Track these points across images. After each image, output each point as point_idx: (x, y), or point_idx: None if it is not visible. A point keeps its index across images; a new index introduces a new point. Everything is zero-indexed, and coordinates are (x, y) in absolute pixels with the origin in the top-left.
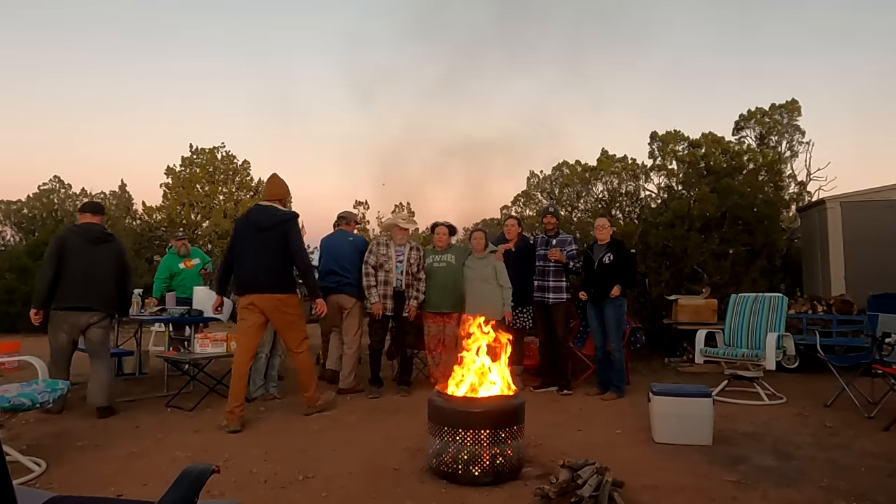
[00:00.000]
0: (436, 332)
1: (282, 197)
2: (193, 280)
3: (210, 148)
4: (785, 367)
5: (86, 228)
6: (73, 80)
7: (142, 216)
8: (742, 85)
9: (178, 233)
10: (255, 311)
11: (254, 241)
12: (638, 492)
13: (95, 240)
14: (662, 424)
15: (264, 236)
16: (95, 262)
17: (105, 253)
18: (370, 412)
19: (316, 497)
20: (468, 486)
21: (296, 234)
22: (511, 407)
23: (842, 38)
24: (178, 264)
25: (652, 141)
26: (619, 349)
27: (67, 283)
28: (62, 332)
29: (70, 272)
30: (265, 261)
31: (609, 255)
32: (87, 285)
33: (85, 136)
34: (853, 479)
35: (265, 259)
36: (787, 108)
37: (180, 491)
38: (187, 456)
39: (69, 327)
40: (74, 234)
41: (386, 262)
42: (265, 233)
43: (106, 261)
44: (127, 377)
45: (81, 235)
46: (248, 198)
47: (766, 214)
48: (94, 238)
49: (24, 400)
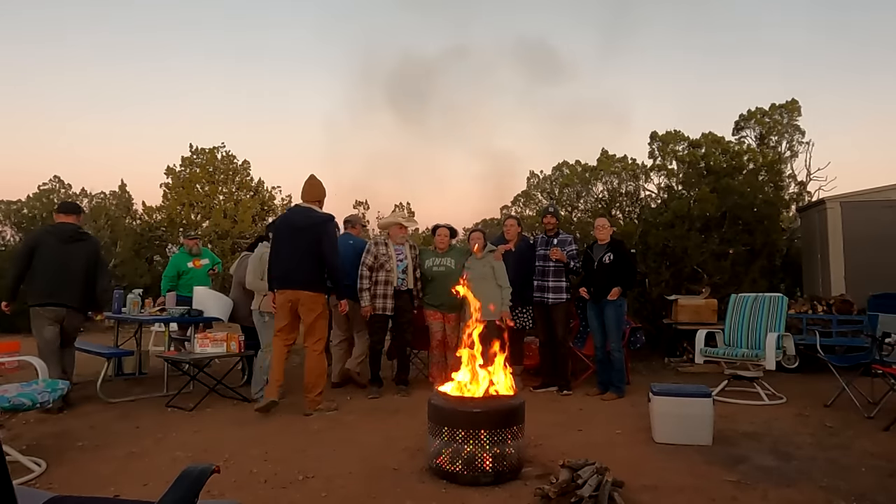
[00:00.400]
0: (437, 329)
1: (319, 198)
2: (201, 280)
3: (210, 148)
4: (785, 367)
5: (59, 228)
6: (73, 79)
7: (142, 216)
8: (742, 85)
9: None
10: (287, 304)
11: (290, 240)
12: (638, 492)
13: (68, 239)
14: (662, 424)
15: (299, 236)
16: (68, 260)
17: (78, 251)
18: (370, 412)
19: (316, 497)
20: (468, 486)
21: (329, 236)
22: (511, 407)
23: (842, 37)
24: (187, 263)
25: (652, 141)
26: (619, 349)
27: (42, 281)
28: (47, 326)
29: (43, 270)
30: (298, 259)
31: (609, 255)
32: (61, 283)
33: (85, 136)
34: (853, 479)
35: (298, 258)
36: (787, 108)
37: (180, 491)
38: (187, 456)
39: (50, 321)
40: (48, 234)
41: (387, 261)
42: (300, 233)
43: (78, 259)
44: (127, 377)
45: (55, 235)
46: (248, 198)
47: (766, 214)
48: (67, 237)
49: (24, 400)
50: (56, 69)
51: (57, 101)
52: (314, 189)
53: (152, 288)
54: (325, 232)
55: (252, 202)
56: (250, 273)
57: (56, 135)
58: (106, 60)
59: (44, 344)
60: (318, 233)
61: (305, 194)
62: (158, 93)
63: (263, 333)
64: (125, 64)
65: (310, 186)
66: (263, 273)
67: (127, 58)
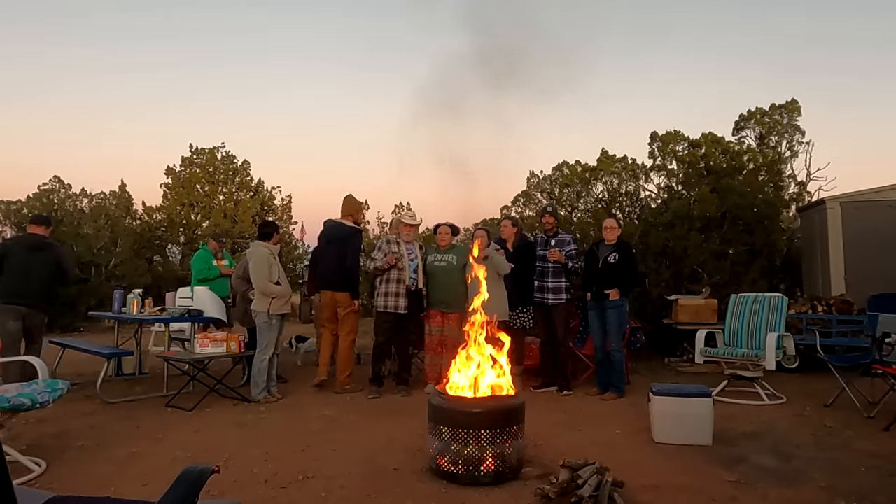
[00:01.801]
0: (436, 332)
1: (352, 213)
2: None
3: (210, 148)
4: (785, 367)
5: (26, 238)
6: (74, 78)
7: (142, 216)
8: (742, 85)
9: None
10: (331, 303)
11: (325, 249)
12: (638, 492)
13: (33, 248)
14: (662, 424)
15: (332, 246)
16: (31, 266)
17: (40, 258)
18: (370, 412)
19: (316, 497)
20: (468, 486)
21: (352, 246)
22: (511, 407)
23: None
24: (212, 261)
25: (652, 141)
26: (619, 349)
27: (9, 283)
28: (9, 321)
29: (10, 273)
30: (332, 266)
31: (615, 255)
32: (25, 285)
33: (85, 136)
34: (853, 479)
35: (332, 264)
36: (787, 108)
37: (180, 491)
38: (187, 456)
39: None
40: (15, 244)
41: (399, 260)
42: (332, 244)
43: (41, 265)
44: (127, 377)
45: (21, 244)
46: (248, 198)
47: (766, 214)
48: (32, 246)
49: (24, 400)
50: (57, 71)
51: (57, 101)
52: (347, 205)
53: (152, 288)
54: (350, 243)
55: (252, 202)
56: (256, 276)
57: (56, 135)
58: (106, 60)
59: (6, 335)
60: (345, 244)
61: (342, 209)
62: (158, 93)
63: (265, 335)
64: (125, 64)
65: (345, 203)
66: (269, 275)
67: (127, 57)
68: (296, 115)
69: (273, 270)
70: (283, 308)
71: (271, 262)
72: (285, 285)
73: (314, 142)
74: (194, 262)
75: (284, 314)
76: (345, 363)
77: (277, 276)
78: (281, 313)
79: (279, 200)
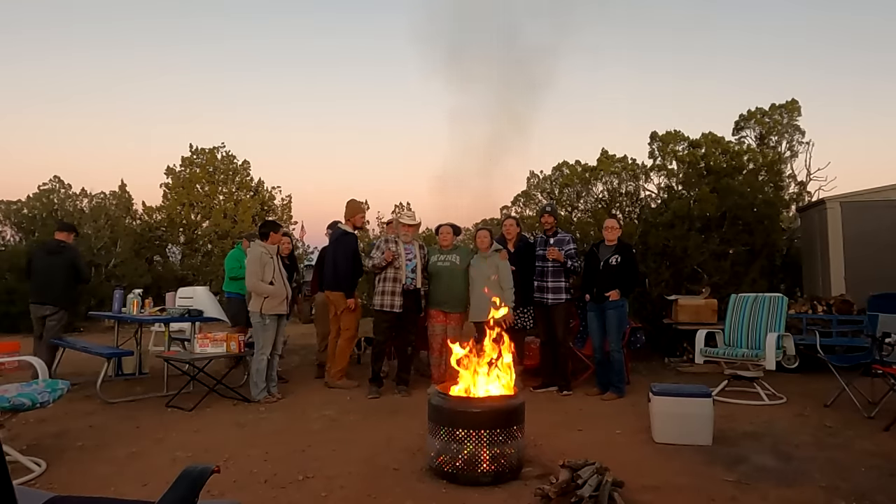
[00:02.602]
0: (439, 332)
1: (350, 217)
2: None
3: (210, 148)
4: (785, 367)
5: (47, 243)
6: (74, 78)
7: (142, 216)
8: (742, 85)
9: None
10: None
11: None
12: (638, 492)
13: (51, 251)
14: (662, 424)
15: (331, 248)
16: (50, 268)
17: (58, 261)
18: (370, 412)
19: (316, 497)
20: (468, 486)
21: (342, 246)
22: (511, 407)
23: (842, 37)
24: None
25: (652, 141)
26: (618, 349)
27: (34, 284)
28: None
29: (35, 276)
30: (330, 267)
31: (616, 257)
32: (44, 286)
33: (85, 136)
34: (853, 479)
35: (330, 265)
36: (787, 108)
37: (180, 491)
38: (187, 456)
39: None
40: (38, 248)
41: (396, 259)
42: (330, 245)
43: (58, 268)
44: (127, 377)
45: (42, 248)
46: (248, 198)
47: (766, 214)
48: (50, 250)
49: (24, 400)
50: (57, 70)
51: (57, 101)
52: (347, 210)
53: (152, 288)
54: (341, 244)
55: (252, 202)
56: (247, 275)
57: (56, 135)
58: (106, 60)
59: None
60: (337, 245)
61: (345, 215)
62: (158, 92)
63: (260, 336)
64: (125, 64)
65: (346, 208)
66: (262, 275)
67: (127, 58)
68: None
69: (266, 270)
70: (278, 308)
71: (265, 261)
72: (279, 285)
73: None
74: (227, 261)
75: (281, 314)
76: (337, 359)
77: (272, 276)
78: (276, 313)
79: (279, 200)
